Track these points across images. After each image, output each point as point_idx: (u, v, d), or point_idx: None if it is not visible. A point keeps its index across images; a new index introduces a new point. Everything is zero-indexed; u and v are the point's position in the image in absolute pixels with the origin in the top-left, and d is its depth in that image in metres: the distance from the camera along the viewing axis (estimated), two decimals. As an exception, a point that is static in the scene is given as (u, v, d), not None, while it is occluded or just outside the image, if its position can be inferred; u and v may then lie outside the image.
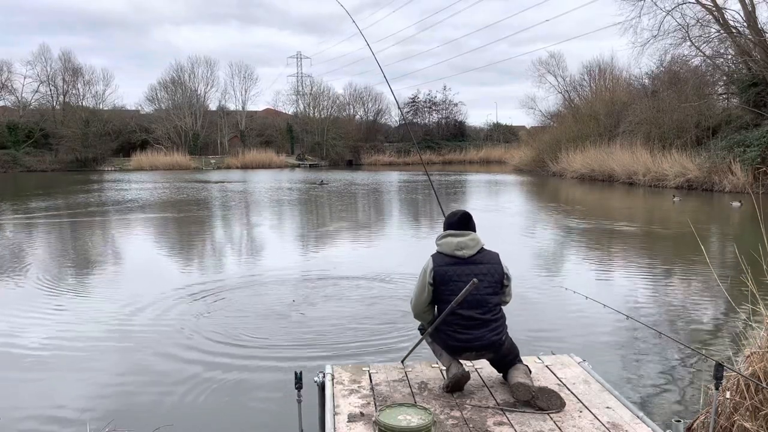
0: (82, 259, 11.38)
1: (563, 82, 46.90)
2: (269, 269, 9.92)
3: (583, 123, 37.35)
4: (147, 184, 34.16)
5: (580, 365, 3.85)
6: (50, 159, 55.22)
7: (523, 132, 60.43)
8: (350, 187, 31.31)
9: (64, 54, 60.20)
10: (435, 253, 3.64)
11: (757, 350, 3.74)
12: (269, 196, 25.90)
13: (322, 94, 68.44)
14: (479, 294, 3.46)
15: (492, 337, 3.47)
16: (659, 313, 7.09)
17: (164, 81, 64.86)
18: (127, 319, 7.06)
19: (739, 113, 26.40)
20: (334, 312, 7.20)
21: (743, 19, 25.56)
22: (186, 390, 5.01)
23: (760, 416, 3.44)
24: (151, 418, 4.47)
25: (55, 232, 15.32)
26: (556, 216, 16.98)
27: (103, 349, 6.07)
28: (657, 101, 30.28)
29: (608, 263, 10.36)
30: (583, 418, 3.09)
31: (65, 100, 60.65)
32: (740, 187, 21.25)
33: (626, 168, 28.68)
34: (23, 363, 5.73)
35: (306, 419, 3.43)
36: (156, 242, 13.89)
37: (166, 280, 9.14)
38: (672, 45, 28.41)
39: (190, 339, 6.26)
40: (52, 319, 7.14)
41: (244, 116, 68.74)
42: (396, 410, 2.91)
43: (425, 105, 71.03)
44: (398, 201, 24.26)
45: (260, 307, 7.48)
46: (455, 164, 60.43)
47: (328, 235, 14.37)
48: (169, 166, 55.48)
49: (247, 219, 18.10)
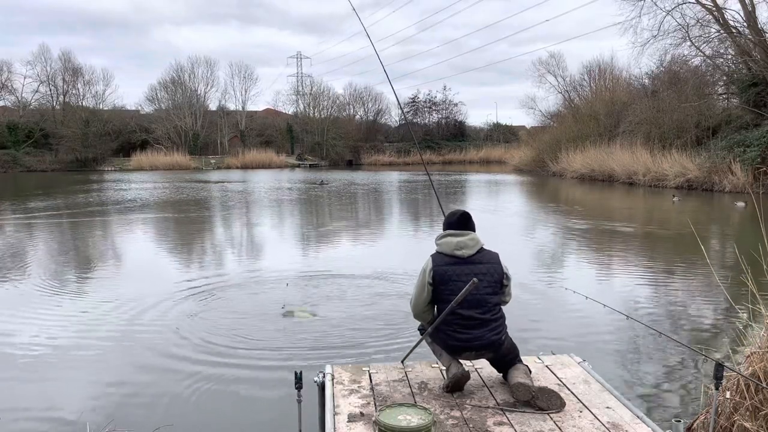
0: (81, 259, 11.38)
1: (563, 82, 46.95)
2: (268, 268, 9.92)
3: (583, 123, 37.35)
4: (147, 184, 34.16)
5: (580, 365, 3.85)
6: (50, 159, 55.21)
7: (523, 132, 60.43)
8: (350, 187, 31.31)
9: (64, 54, 60.26)
10: (434, 253, 3.64)
11: (757, 350, 3.74)
12: (269, 196, 25.90)
13: (322, 94, 68.48)
14: (478, 294, 3.46)
15: (491, 336, 3.47)
16: (659, 313, 7.09)
17: (164, 81, 64.93)
18: (127, 318, 7.05)
19: (739, 113, 26.39)
20: (334, 312, 7.19)
21: (743, 19, 25.57)
22: (186, 390, 5.01)
23: (760, 416, 3.44)
24: (151, 418, 4.47)
25: (54, 231, 15.31)
26: (556, 216, 16.98)
27: (103, 348, 6.06)
28: (657, 101, 30.27)
29: (608, 263, 10.36)
30: (583, 418, 3.09)
31: (65, 100, 60.64)
32: (740, 187, 21.25)
33: (626, 168, 28.67)
34: (23, 363, 5.73)
35: (306, 419, 3.43)
36: (156, 242, 13.89)
37: (166, 279, 9.14)
38: (672, 45, 28.45)
39: (190, 339, 6.26)
40: (52, 318, 7.13)
41: (244, 116, 68.74)
42: (396, 410, 2.91)
43: (425, 105, 71.06)
44: (399, 201, 24.26)
45: (260, 306, 7.48)
46: (455, 164, 60.43)
47: (329, 234, 14.37)
48: (169, 166, 55.48)
49: (247, 219, 18.10)
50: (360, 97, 70.19)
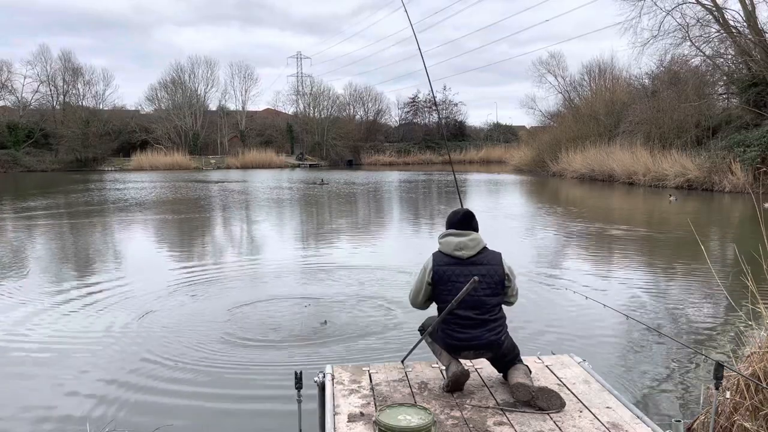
0: (81, 259, 11.38)
1: (563, 82, 46.99)
2: (268, 266, 9.92)
3: (583, 123, 37.36)
4: (146, 184, 34.15)
5: (580, 365, 3.85)
6: (50, 159, 55.24)
7: (523, 132, 60.47)
8: (351, 186, 31.31)
9: (64, 54, 60.31)
10: (436, 252, 3.62)
11: (757, 350, 3.74)
12: (269, 196, 25.89)
13: (322, 94, 68.55)
14: (477, 295, 3.44)
15: (490, 336, 3.47)
16: (659, 313, 7.08)
17: (164, 81, 65.01)
18: (127, 318, 7.05)
19: (739, 113, 26.39)
20: (334, 312, 7.20)
21: (743, 19, 25.57)
22: (186, 390, 5.01)
23: (760, 416, 3.44)
24: (151, 418, 4.47)
25: (53, 231, 15.30)
26: (556, 216, 16.98)
27: (104, 348, 6.06)
28: (657, 101, 30.27)
29: (608, 263, 10.36)
30: (583, 418, 3.09)
31: (65, 100, 60.67)
32: (740, 187, 21.26)
33: (626, 168, 28.67)
34: (23, 363, 5.73)
35: (306, 419, 3.43)
36: (157, 240, 13.88)
37: (167, 279, 9.14)
38: (672, 45, 28.45)
39: (190, 338, 6.26)
40: (52, 318, 7.13)
41: (244, 116, 68.77)
42: (396, 410, 2.91)
43: (425, 105, 71.11)
44: (399, 200, 24.27)
45: (260, 306, 7.47)
46: (455, 164, 60.32)
47: (329, 233, 14.37)
48: (169, 166, 55.51)
49: (248, 217, 18.10)
50: (360, 97, 70.32)
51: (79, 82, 61.13)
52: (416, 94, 71.03)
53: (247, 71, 76.46)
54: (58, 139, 56.11)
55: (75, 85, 61.09)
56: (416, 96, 70.80)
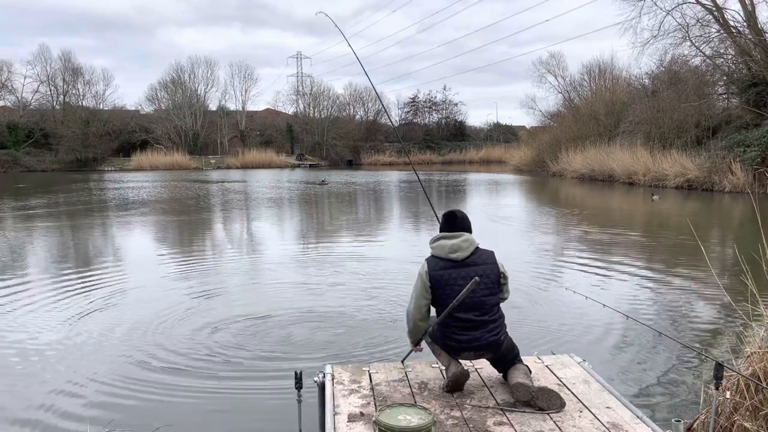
0: (81, 258, 11.37)
1: (563, 82, 47.02)
2: (269, 265, 9.92)
3: (583, 123, 37.35)
4: (146, 184, 34.14)
5: (580, 365, 3.85)
6: (50, 159, 55.25)
7: (523, 132, 60.48)
8: (351, 186, 31.30)
9: (64, 54, 60.34)
10: (429, 257, 3.58)
11: (757, 350, 3.74)
12: (269, 196, 25.89)
13: (322, 94, 68.56)
14: (476, 296, 3.44)
15: (490, 337, 3.46)
16: (659, 313, 7.08)
17: (164, 81, 65.04)
18: (127, 318, 7.05)
19: (739, 113, 26.39)
20: (334, 312, 7.20)
21: (743, 19, 25.57)
22: (186, 390, 5.01)
23: (760, 416, 3.44)
24: (151, 418, 4.46)
25: (52, 231, 15.30)
26: (555, 216, 16.97)
27: (103, 348, 6.06)
28: (657, 101, 30.27)
29: (608, 263, 10.35)
30: (583, 418, 3.09)
31: (65, 100, 60.68)
32: (740, 187, 21.25)
33: (626, 168, 28.67)
34: (22, 363, 5.72)
35: (306, 419, 3.43)
36: (158, 240, 13.88)
37: (167, 278, 9.14)
38: (672, 45, 28.47)
39: (190, 338, 6.26)
40: (52, 318, 7.13)
41: (244, 116, 68.77)
42: (396, 410, 2.91)
43: (425, 105, 71.16)
44: (399, 199, 24.26)
45: (260, 306, 7.47)
46: (455, 164, 60.46)
47: (330, 232, 14.37)
48: (169, 166, 55.52)
49: (248, 217, 18.10)
50: (360, 97, 70.31)
51: (79, 82, 61.24)
52: (416, 94, 71.15)
53: (247, 71, 76.55)
54: (58, 139, 56.11)
55: (75, 85, 61.20)
56: (416, 96, 70.89)
